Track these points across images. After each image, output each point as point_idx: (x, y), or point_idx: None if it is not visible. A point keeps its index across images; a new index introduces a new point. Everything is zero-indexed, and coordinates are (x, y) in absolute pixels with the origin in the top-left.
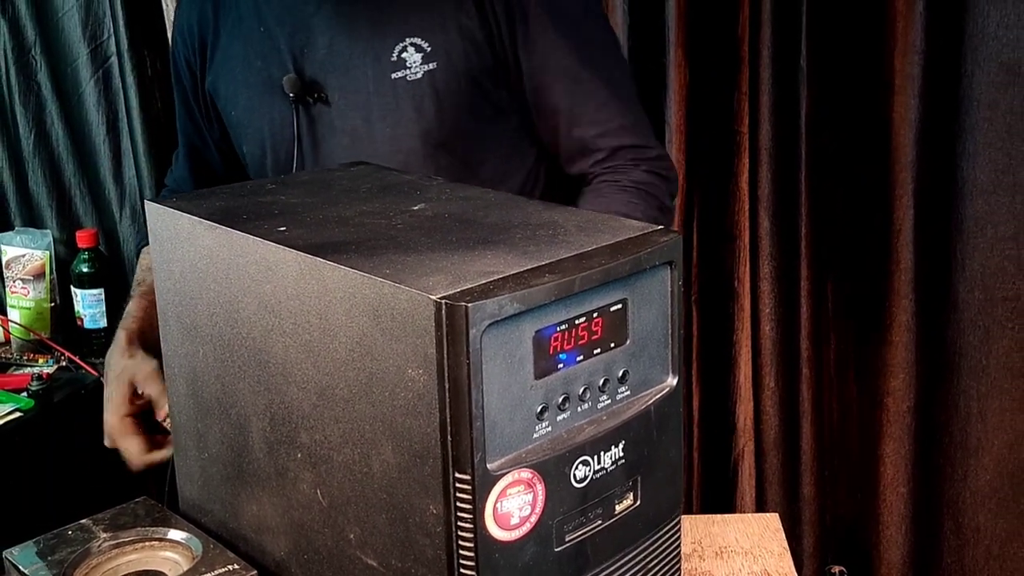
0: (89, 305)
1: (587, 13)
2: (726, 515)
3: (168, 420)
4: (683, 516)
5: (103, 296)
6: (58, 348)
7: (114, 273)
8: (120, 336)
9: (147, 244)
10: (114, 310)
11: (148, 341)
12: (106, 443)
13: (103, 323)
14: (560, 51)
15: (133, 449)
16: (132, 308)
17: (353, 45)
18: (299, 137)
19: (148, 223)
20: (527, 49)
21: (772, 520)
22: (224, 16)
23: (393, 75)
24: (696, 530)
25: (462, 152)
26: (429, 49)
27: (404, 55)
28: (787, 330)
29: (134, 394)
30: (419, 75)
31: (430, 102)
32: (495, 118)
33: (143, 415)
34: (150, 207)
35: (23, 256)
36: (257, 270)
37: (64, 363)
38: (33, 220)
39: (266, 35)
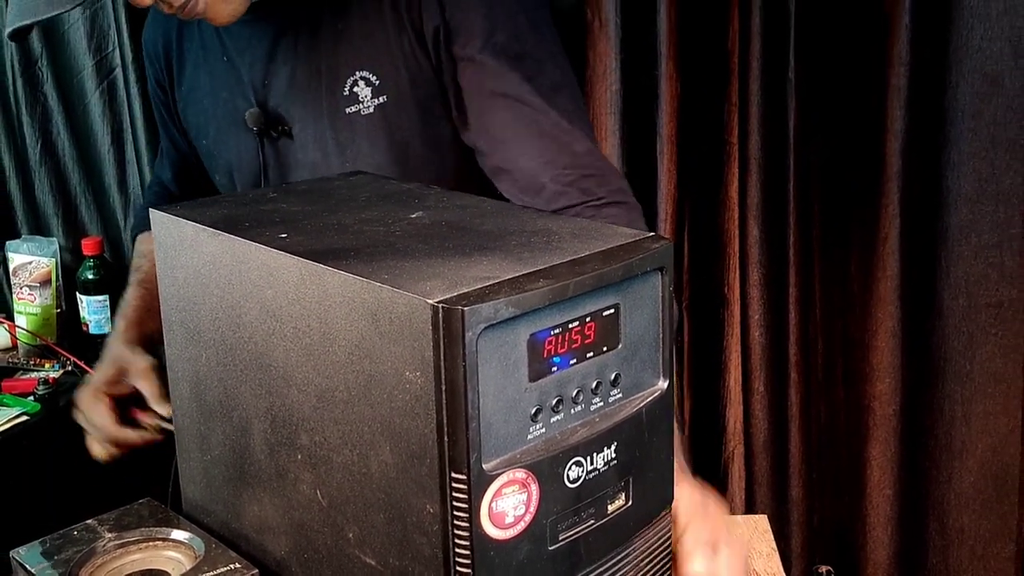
0: (94, 311)
1: (523, 39)
2: None
3: (163, 417)
4: None
5: (108, 302)
6: (64, 353)
7: (119, 280)
8: (119, 324)
9: (143, 231)
10: None
11: (146, 330)
12: (76, 416)
13: (108, 329)
14: (502, 80)
15: (102, 420)
16: (130, 296)
17: (311, 78)
18: (265, 169)
19: (153, 230)
20: (463, 76)
21: (761, 521)
22: (188, 43)
23: (347, 110)
24: None
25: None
26: (378, 83)
27: (356, 89)
28: (776, 336)
29: (119, 379)
30: (371, 109)
31: (383, 136)
32: (446, 149)
33: (119, 404)
34: (154, 214)
35: (30, 263)
36: (259, 276)
37: (70, 368)
38: (39, 228)
39: (229, 66)
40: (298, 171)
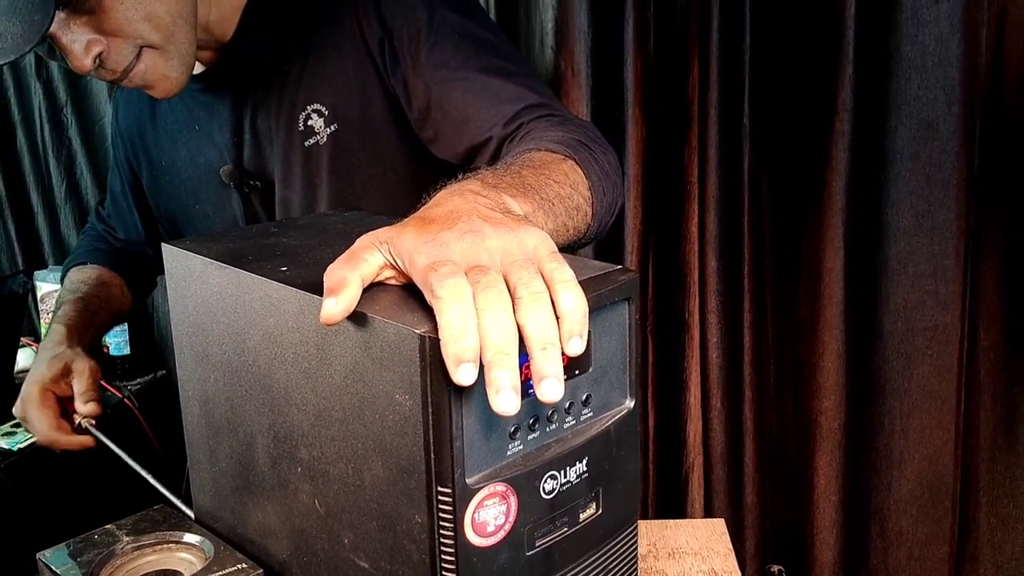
0: (113, 334)
1: (468, 20)
2: (678, 520)
3: (82, 418)
4: (640, 521)
5: (126, 326)
6: None
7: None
8: (58, 329)
9: (76, 264)
10: (136, 339)
11: (85, 339)
12: (15, 410)
13: (127, 351)
14: (453, 60)
15: (42, 423)
16: (70, 310)
17: (270, 122)
18: (257, 220)
19: (164, 262)
20: (416, 72)
21: (718, 525)
22: (161, 121)
23: (305, 143)
24: (651, 533)
25: (375, 207)
26: (328, 112)
27: (310, 122)
28: (732, 357)
29: (63, 376)
30: (324, 139)
31: (340, 163)
32: (399, 170)
33: (60, 401)
34: (166, 248)
35: (55, 291)
36: (261, 306)
37: None
38: (64, 259)
39: (201, 134)
40: (279, 213)
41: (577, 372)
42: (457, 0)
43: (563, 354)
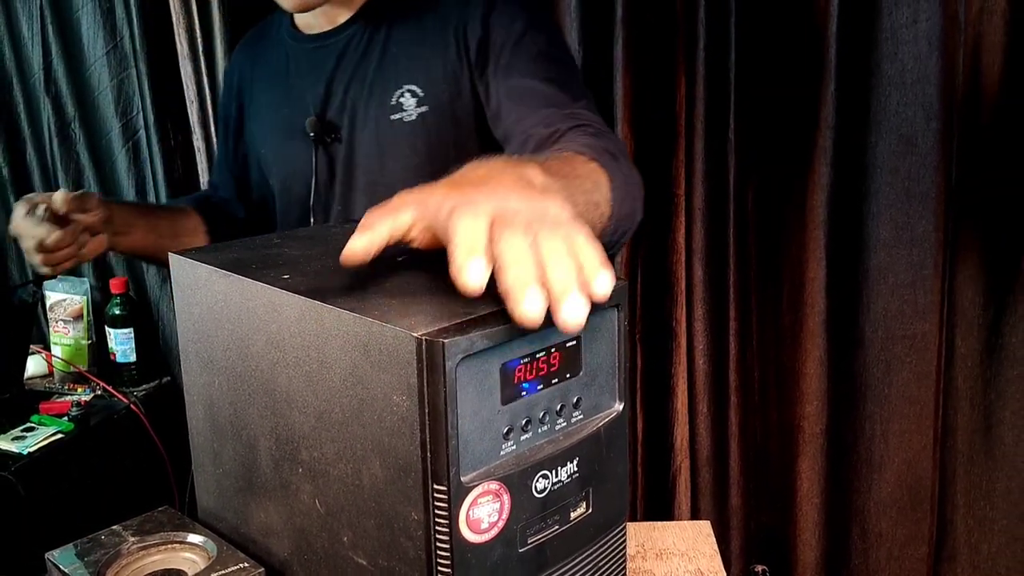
0: (121, 342)
1: (551, 43)
2: (665, 522)
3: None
4: (628, 523)
5: (132, 334)
6: (94, 379)
7: (142, 315)
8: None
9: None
10: (142, 347)
11: (119, 213)
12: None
13: (133, 358)
14: (526, 69)
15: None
16: (157, 207)
17: (363, 92)
18: (316, 172)
19: (171, 271)
20: (495, 75)
21: (705, 526)
22: (260, 69)
23: (392, 117)
24: (639, 535)
25: None
26: (422, 94)
27: (402, 100)
28: (718, 364)
29: (90, 200)
30: (413, 116)
31: (422, 140)
32: (472, 156)
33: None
34: (173, 258)
35: (64, 300)
36: (265, 312)
37: (99, 392)
38: (73, 269)
39: (293, 85)
40: (348, 172)
41: (569, 376)
42: (547, 25)
43: (584, 304)
